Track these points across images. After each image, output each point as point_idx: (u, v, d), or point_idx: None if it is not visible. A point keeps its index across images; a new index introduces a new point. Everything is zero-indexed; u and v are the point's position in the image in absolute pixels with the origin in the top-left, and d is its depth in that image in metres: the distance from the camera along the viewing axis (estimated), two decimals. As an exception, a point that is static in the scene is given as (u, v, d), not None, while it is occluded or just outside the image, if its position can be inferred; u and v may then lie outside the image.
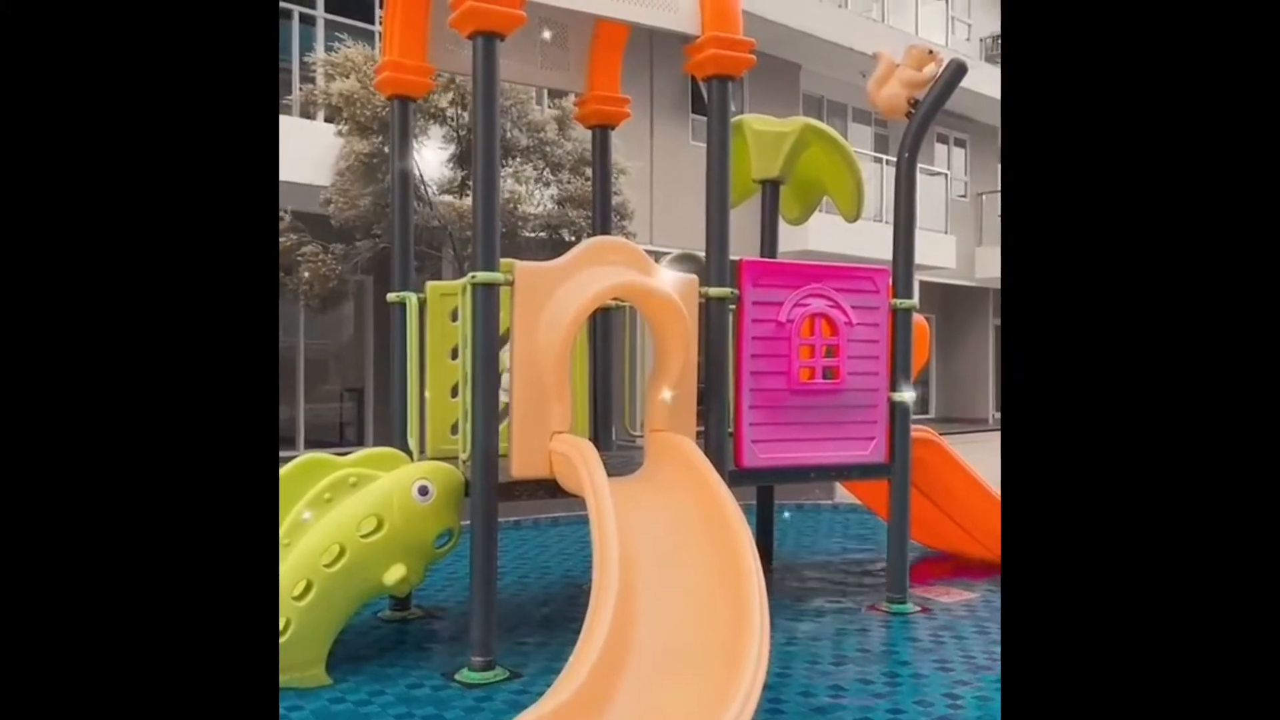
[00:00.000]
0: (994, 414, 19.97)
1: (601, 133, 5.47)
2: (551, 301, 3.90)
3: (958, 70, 4.77)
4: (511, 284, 3.87)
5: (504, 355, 4.01)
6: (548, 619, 4.76)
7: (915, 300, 4.96)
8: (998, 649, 4.27)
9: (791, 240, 12.87)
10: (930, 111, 4.80)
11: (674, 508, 3.77)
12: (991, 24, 20.30)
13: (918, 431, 5.11)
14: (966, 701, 3.59)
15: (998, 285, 19.56)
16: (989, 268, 18.86)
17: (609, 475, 3.67)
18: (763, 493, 6.02)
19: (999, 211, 19.38)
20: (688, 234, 12.86)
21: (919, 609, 4.91)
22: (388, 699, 3.61)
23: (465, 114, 8.79)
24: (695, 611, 3.32)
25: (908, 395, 4.87)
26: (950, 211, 17.40)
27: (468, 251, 3.91)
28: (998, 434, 16.88)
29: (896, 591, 4.96)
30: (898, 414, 4.88)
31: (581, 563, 5.92)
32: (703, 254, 4.45)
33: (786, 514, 7.64)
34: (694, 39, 4.29)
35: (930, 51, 4.82)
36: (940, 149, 18.99)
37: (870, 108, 5.07)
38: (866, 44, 14.76)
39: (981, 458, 6.83)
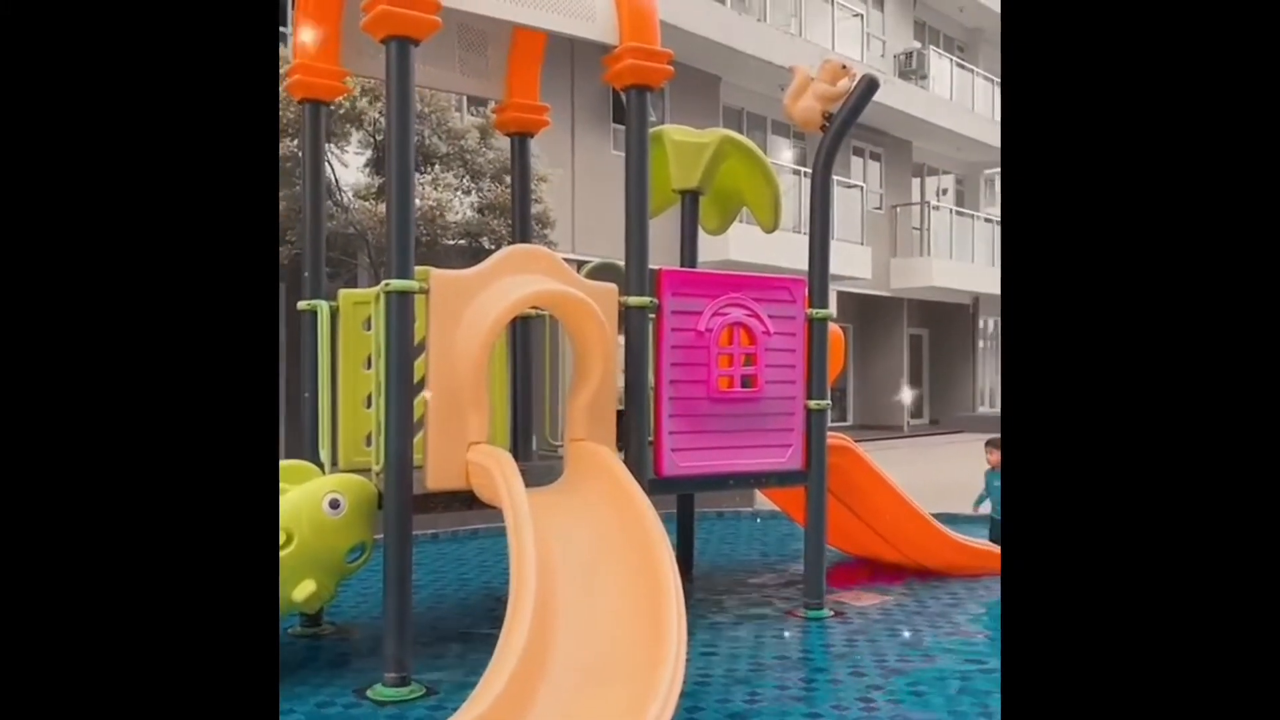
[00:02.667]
0: (909, 421, 20.48)
1: (520, 140, 5.44)
2: (468, 310, 3.85)
3: (870, 85, 4.88)
4: (427, 292, 3.81)
5: (419, 365, 3.95)
6: (466, 633, 4.69)
7: (831, 310, 5.05)
8: (910, 651, 4.36)
9: (712, 250, 12.99)
10: (844, 125, 4.91)
11: (593, 517, 3.76)
12: (905, 41, 20.89)
13: (833, 438, 5.20)
14: (880, 704, 3.66)
15: (912, 296, 20.10)
16: (903, 278, 19.36)
17: (528, 485, 3.64)
18: (683, 501, 6.04)
19: (913, 224, 19.93)
20: (610, 243, 12.86)
21: (834, 614, 4.99)
22: (297, 718, 3.50)
23: (383, 118, 8.64)
24: (614, 621, 3.31)
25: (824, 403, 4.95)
26: (866, 223, 17.81)
27: (383, 259, 3.83)
28: (913, 440, 17.32)
29: (813, 597, 5.03)
30: (814, 421, 4.96)
31: (501, 575, 5.85)
32: (622, 263, 4.45)
33: (759, 520, 7.82)
34: (612, 49, 4.30)
35: (844, 66, 4.92)
36: (856, 162, 19.43)
37: (788, 120, 5.15)
38: (785, 58, 15.04)
39: (897, 464, 6.99)
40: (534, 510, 3.45)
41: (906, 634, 4.64)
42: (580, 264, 5.19)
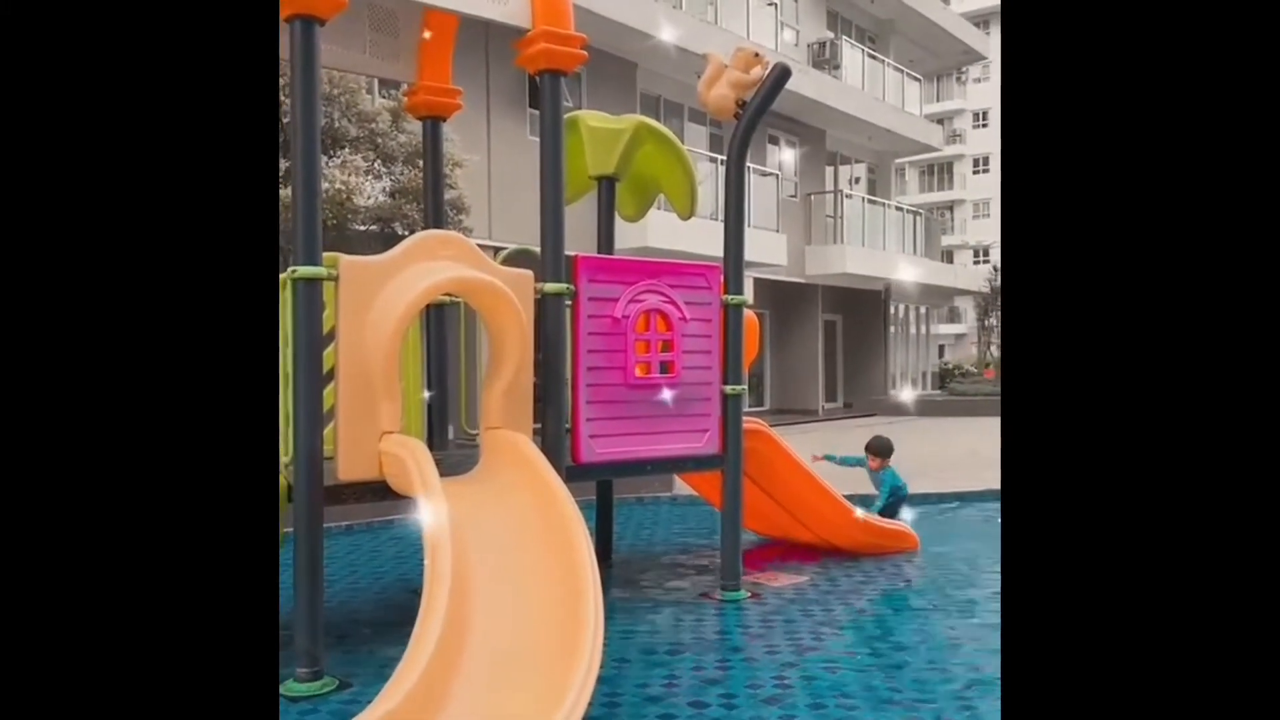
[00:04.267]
0: (823, 405, 20.89)
1: (433, 124, 5.34)
2: (379, 297, 3.77)
3: (782, 74, 4.94)
4: (335, 279, 3.72)
5: (329, 354, 3.85)
6: (380, 625, 4.62)
7: (747, 296, 5.11)
8: (824, 630, 4.46)
9: (630, 237, 12.99)
10: (757, 113, 4.95)
11: (510, 506, 3.73)
12: (818, 31, 21.20)
13: (748, 422, 5.27)
14: (794, 682, 3.73)
15: (826, 282, 20.47)
16: (818, 265, 19.70)
17: (444, 475, 3.59)
18: (603, 487, 6.05)
19: (827, 212, 20.28)
20: (528, 230, 12.75)
21: (751, 595, 5.07)
22: (204, 719, 3.40)
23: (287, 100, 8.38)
24: (531, 610, 3.30)
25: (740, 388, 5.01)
26: (781, 211, 18.06)
27: (290, 245, 3.72)
28: (827, 424, 17.66)
29: (730, 579, 5.10)
30: (730, 406, 5.02)
31: (418, 566, 5.75)
32: (539, 249, 4.42)
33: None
34: (525, 33, 4.25)
35: (756, 54, 4.97)
36: (772, 150, 19.66)
37: (703, 108, 5.18)
38: (701, 45, 15.11)
39: (812, 447, 7.13)
40: (449, 500, 3.40)
41: (819, 613, 4.74)
42: (498, 251, 5.13)
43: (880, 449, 6.60)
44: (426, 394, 4.96)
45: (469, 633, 3.11)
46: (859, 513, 5.89)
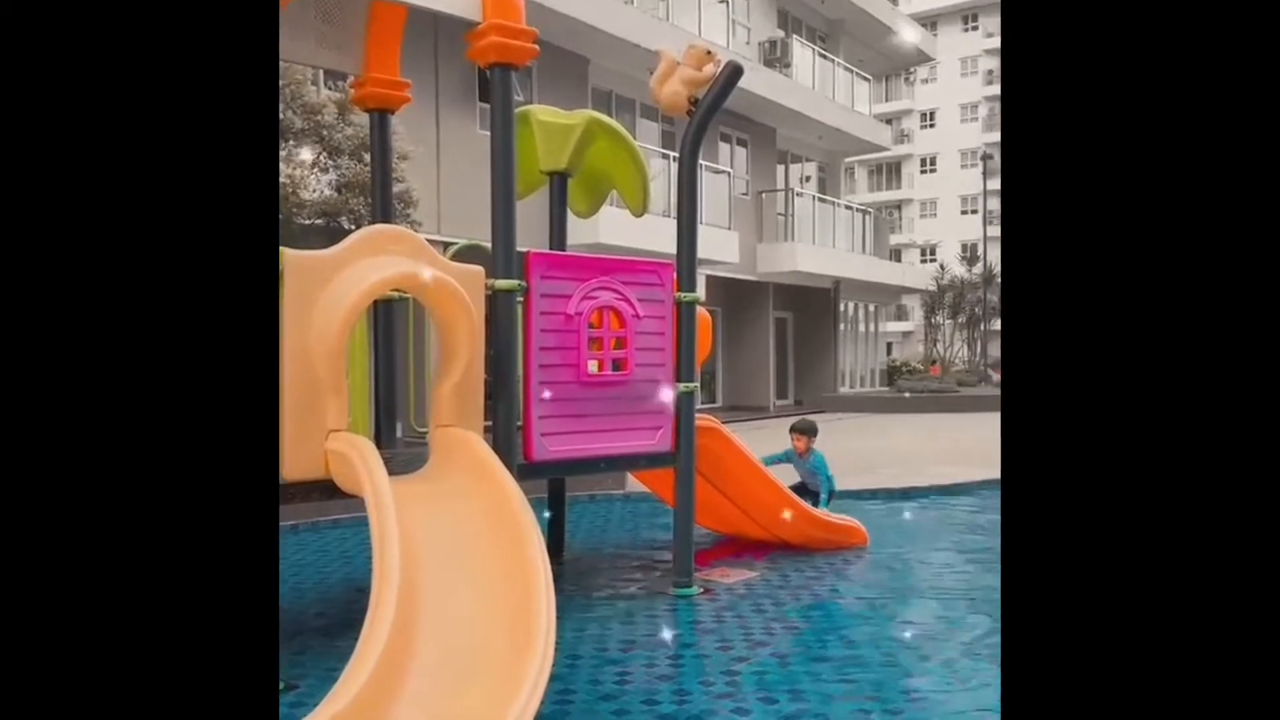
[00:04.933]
0: (774, 402, 21.06)
1: (381, 117, 5.25)
2: (325, 293, 3.69)
3: (735, 72, 4.95)
4: (280, 274, 3.64)
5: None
6: (327, 626, 4.54)
7: (700, 293, 5.11)
8: (776, 625, 4.49)
9: (582, 233, 12.95)
10: (710, 110, 4.96)
11: (460, 505, 3.68)
12: (769, 29, 21.33)
13: (701, 419, 5.28)
14: (744, 677, 3.74)
15: (778, 280, 20.63)
16: (769, 263, 19.84)
17: (392, 474, 3.53)
18: (555, 485, 6.02)
19: (778, 210, 20.44)
20: (478, 225, 12.63)
21: (703, 591, 5.08)
22: None
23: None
24: (482, 610, 3.26)
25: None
26: (733, 209, 18.15)
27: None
28: (779, 420, 17.79)
29: (682, 575, 5.11)
30: (683, 403, 5.02)
31: (364, 565, 5.67)
32: (490, 244, 4.37)
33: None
34: (475, 25, 4.20)
35: (709, 52, 4.97)
36: (724, 148, 19.74)
37: (655, 104, 5.17)
38: (653, 41, 15.12)
39: (763, 443, 7.16)
40: (397, 499, 3.35)
41: (770, 609, 4.77)
42: (447, 246, 5.07)
43: (806, 429, 6.68)
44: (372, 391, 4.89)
45: (418, 633, 3.07)
46: (815, 510, 5.94)
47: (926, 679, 3.75)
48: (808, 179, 24.14)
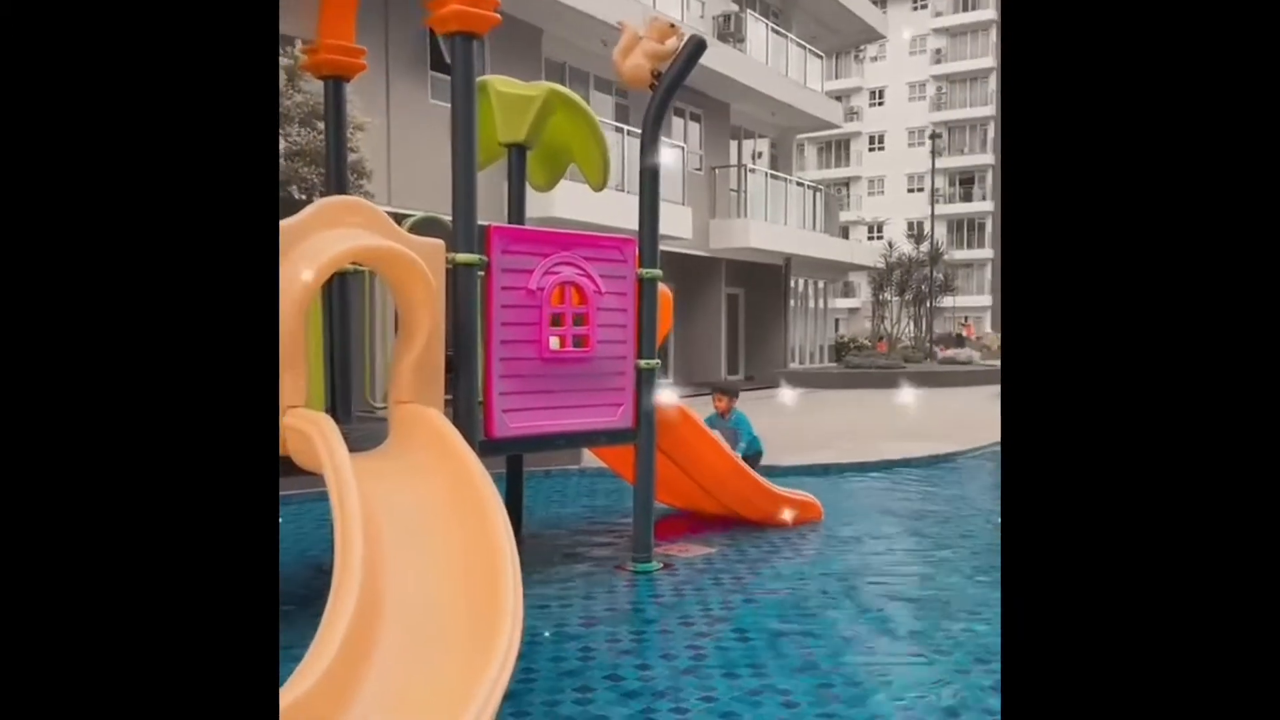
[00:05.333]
0: (726, 377, 21.18)
1: (335, 84, 5.11)
2: (281, 266, 3.59)
3: (698, 46, 4.91)
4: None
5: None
6: (285, 606, 4.46)
7: (660, 271, 5.09)
8: (735, 598, 4.53)
9: (536, 207, 12.77)
10: (672, 85, 4.92)
11: (422, 483, 3.64)
12: (723, 3, 21.21)
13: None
14: (708, 651, 3.78)
15: (730, 256, 20.68)
16: (721, 239, 19.87)
17: (350, 450, 3.47)
18: (513, 460, 5.98)
19: (730, 186, 20.44)
20: (429, 196, 12.43)
21: (662, 566, 5.10)
22: (95, 709, 3.22)
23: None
24: (446, 589, 3.23)
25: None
26: (687, 184, 18.10)
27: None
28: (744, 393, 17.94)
29: (641, 551, 5.12)
30: (644, 380, 5.01)
31: (320, 542, 5.60)
32: (447, 217, 4.30)
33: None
34: (435, -9, 4.10)
35: (672, 25, 4.92)
36: (677, 122, 19.66)
37: (614, 77, 5.11)
38: (608, 13, 14.93)
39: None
40: (358, 476, 3.29)
41: (729, 582, 4.81)
42: (398, 217, 4.98)
43: (728, 389, 6.81)
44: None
45: (382, 614, 3.03)
46: (774, 486, 6.00)
47: (885, 653, 3.82)
48: (759, 155, 24.17)
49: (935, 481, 8.16)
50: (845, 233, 37.74)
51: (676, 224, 17.20)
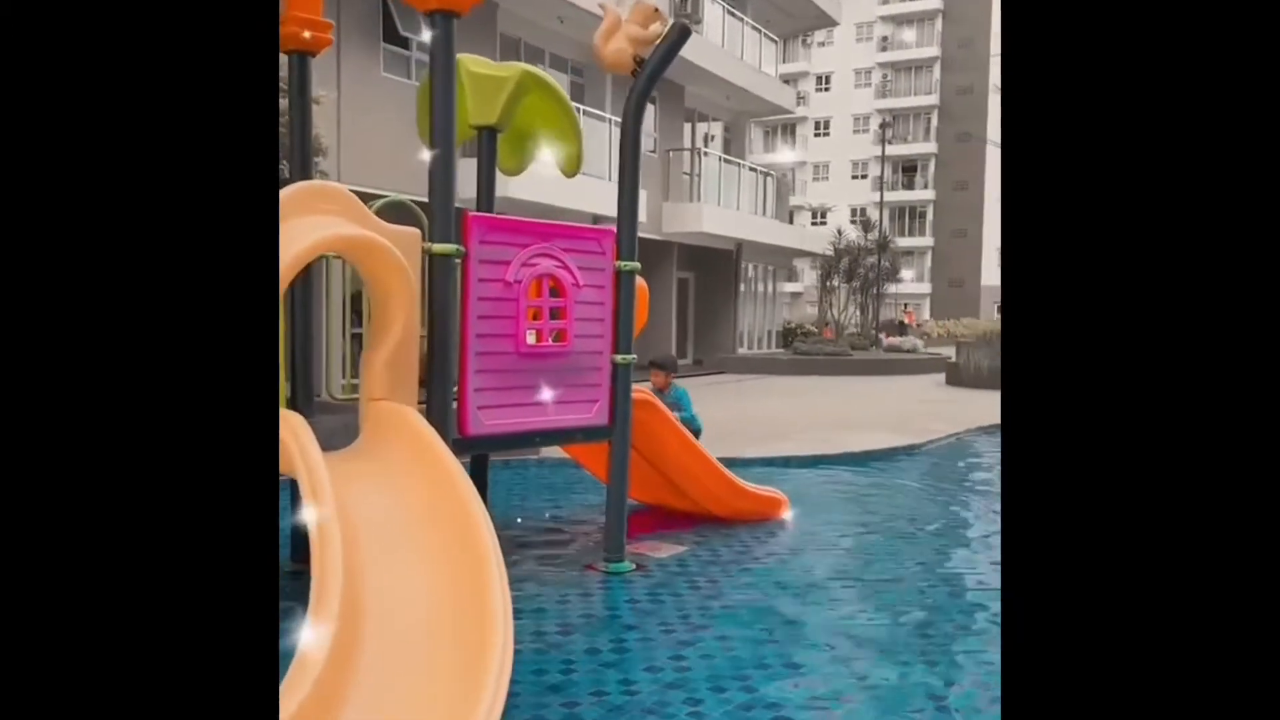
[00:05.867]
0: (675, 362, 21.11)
1: (300, 59, 4.84)
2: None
3: (682, 32, 4.76)
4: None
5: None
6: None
7: (638, 264, 4.94)
8: (713, 604, 4.43)
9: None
10: (656, 71, 4.77)
11: (401, 486, 3.46)
12: (679, -15, 20.99)
13: (636, 392, 5.14)
14: (692, 662, 3.67)
15: (682, 240, 20.57)
16: (675, 223, 19.74)
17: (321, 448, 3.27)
18: (478, 454, 5.80)
19: (684, 169, 20.30)
20: (380, 173, 12.06)
21: (635, 567, 4.99)
22: None
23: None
24: (431, 601, 3.07)
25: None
26: (642, 166, 17.91)
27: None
28: (680, 381, 17.88)
29: (614, 551, 5.00)
30: (620, 376, 4.87)
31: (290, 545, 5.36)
32: (410, 197, 4.09)
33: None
34: (416, -35, 3.87)
35: (656, 10, 4.76)
36: (632, 103, 19.44)
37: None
38: (566, -10, 14.65)
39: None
40: (334, 480, 3.11)
41: (705, 585, 4.71)
42: (364, 198, 4.74)
43: (666, 363, 6.75)
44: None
45: (365, 631, 2.86)
46: (743, 484, 5.92)
47: (872, 664, 3.76)
48: (711, 138, 24.05)
49: (899, 474, 8.18)
50: (790, 218, 37.92)
51: (630, 207, 17.00)
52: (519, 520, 6.14)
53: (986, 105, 53.13)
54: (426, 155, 4.05)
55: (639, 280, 5.01)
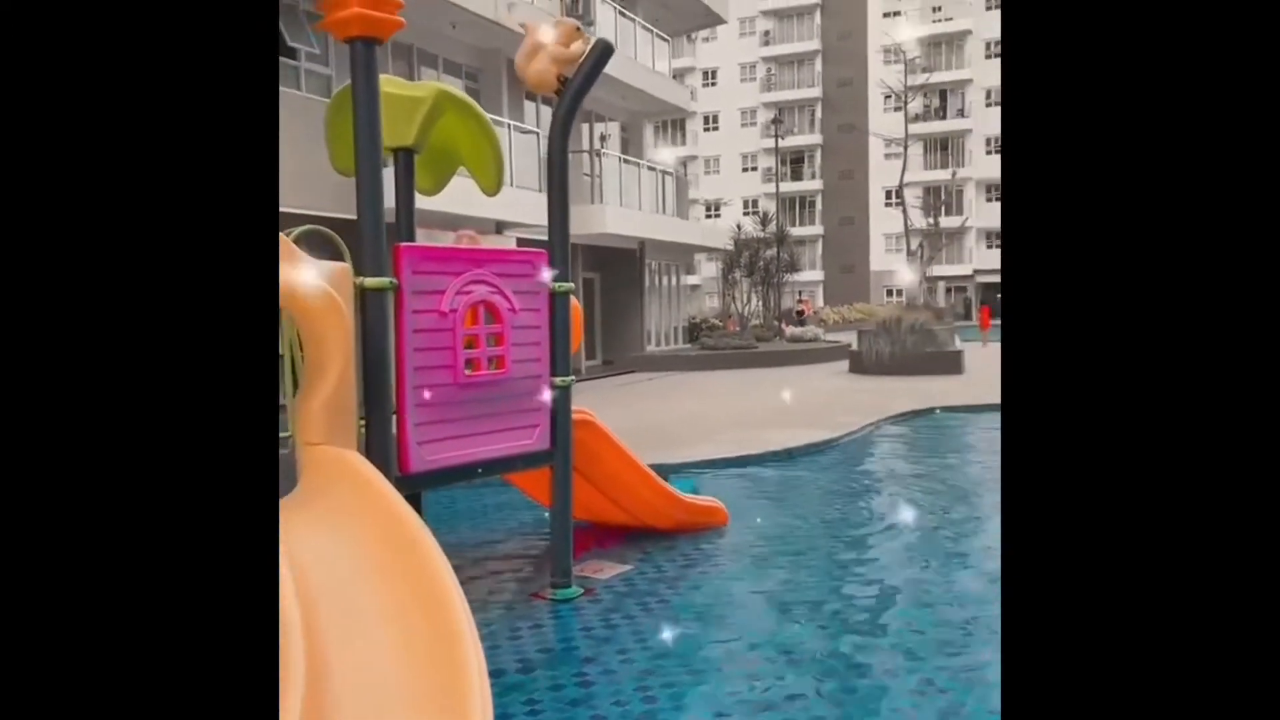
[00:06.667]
0: (584, 364, 21.04)
1: (365, 46, 4.52)
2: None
3: (605, 51, 4.71)
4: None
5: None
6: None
7: (572, 283, 4.87)
8: (668, 625, 4.41)
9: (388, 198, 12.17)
10: (581, 90, 4.70)
11: (352, 536, 3.31)
12: (569, -15, 20.87)
13: (576, 412, 5.07)
14: (657, 693, 3.64)
15: (586, 241, 20.48)
16: (578, 225, 19.61)
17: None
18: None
19: (584, 171, 20.21)
20: (282, 193, 11.58)
21: (583, 591, 4.92)
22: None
23: None
24: (397, 656, 2.94)
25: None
26: (543, 170, 17.73)
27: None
28: (591, 383, 17.83)
29: (560, 576, 4.93)
30: (560, 399, 4.79)
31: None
32: (327, 226, 3.91)
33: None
34: (332, -10, 3.70)
35: (579, 28, 4.69)
36: (529, 107, 19.22)
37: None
38: (457, -6, 14.36)
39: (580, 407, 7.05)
40: (284, 538, 2.95)
41: (657, 607, 4.68)
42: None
43: None
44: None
45: (329, 689, 2.72)
46: (681, 493, 5.91)
47: (835, 678, 3.80)
48: (605, 138, 24.01)
49: (823, 470, 8.33)
50: (685, 212, 38.31)
51: (534, 211, 16.84)
52: (456, 548, 5.98)
53: (867, 97, 54.67)
54: (336, 176, 3.86)
55: (573, 300, 4.94)
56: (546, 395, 4.72)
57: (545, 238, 4.90)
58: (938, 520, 6.46)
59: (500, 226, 15.71)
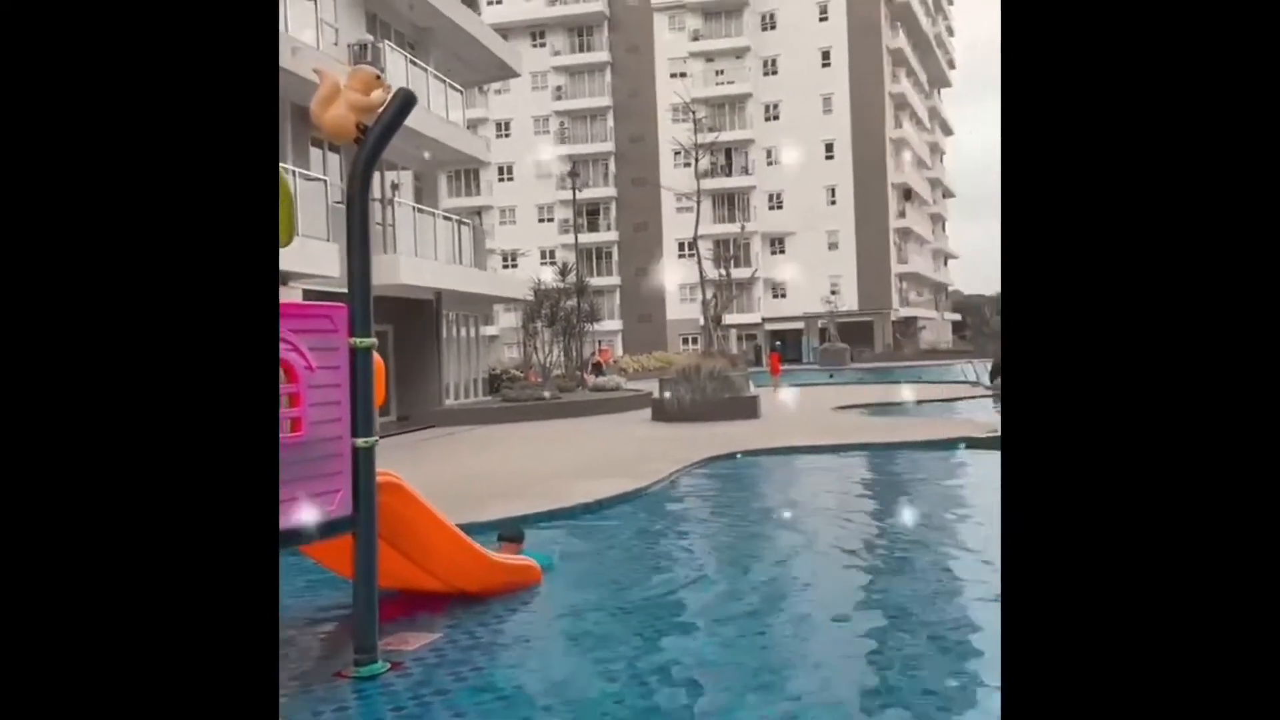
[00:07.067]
0: (379, 421, 20.19)
1: None
2: None
3: (406, 100, 4.57)
4: None
5: None
6: None
7: (373, 338, 4.63)
8: (487, 697, 4.20)
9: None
10: (381, 140, 4.52)
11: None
12: (358, 31, 20.34)
13: (380, 475, 4.79)
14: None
15: (379, 293, 19.77)
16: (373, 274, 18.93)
17: None
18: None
19: (376, 220, 19.60)
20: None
21: (389, 666, 4.61)
22: None
23: None
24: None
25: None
26: (331, 218, 17.02)
27: None
28: (385, 441, 17.05)
29: (364, 651, 4.59)
30: (362, 461, 4.51)
31: None
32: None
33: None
34: None
35: (378, 77, 4.53)
36: (315, 153, 18.45)
37: (316, 128, 4.58)
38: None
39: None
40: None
41: (472, 677, 4.46)
42: None
43: (515, 535, 6.43)
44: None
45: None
46: (489, 553, 5.71)
47: (661, 733, 3.74)
48: (396, 186, 23.48)
49: (635, 520, 8.34)
50: (484, 263, 38.02)
51: (322, 261, 16.10)
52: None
53: (658, 152, 56.76)
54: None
55: (375, 356, 4.69)
56: (348, 458, 4.43)
57: (331, 289, 4.66)
58: (746, 565, 6.61)
59: (286, 277, 14.90)
